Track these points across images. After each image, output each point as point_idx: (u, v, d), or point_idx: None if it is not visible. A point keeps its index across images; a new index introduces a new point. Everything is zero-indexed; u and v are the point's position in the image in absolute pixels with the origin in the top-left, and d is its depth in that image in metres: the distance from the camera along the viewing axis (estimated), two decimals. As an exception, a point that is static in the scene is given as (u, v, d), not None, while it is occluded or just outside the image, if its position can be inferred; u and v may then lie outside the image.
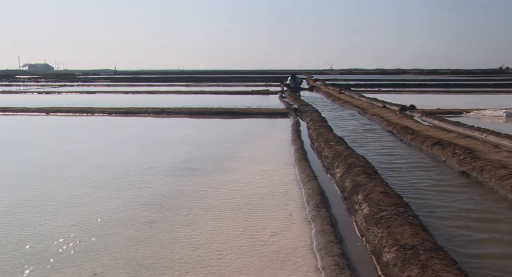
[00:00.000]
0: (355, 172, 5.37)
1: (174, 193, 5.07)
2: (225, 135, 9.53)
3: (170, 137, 9.32)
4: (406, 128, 9.67)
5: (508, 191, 4.95)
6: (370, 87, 30.89)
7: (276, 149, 7.77)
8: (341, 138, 8.11)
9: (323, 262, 3.26)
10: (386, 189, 4.64)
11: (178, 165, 6.54)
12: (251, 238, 3.75)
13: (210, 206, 4.60)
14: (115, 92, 27.18)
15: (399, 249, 3.24)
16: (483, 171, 5.68)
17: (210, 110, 14.25)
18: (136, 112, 13.94)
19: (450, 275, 2.78)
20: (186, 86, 35.07)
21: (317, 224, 3.97)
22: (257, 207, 4.56)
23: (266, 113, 13.60)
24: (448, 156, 6.86)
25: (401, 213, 3.92)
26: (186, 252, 3.46)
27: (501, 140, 8.54)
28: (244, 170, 6.22)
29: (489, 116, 12.84)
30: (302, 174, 5.77)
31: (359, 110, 15.17)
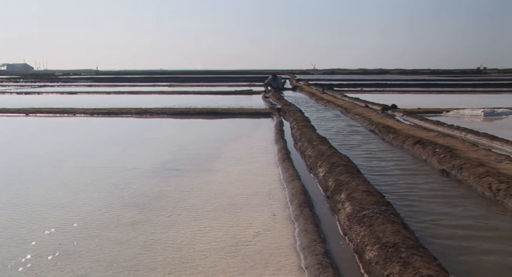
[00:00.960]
0: (338, 171, 5.42)
1: (157, 194, 5.03)
2: (208, 135, 9.50)
3: (153, 137, 9.25)
4: (388, 127, 9.80)
5: (485, 188, 5.06)
6: (353, 87, 31.16)
7: (259, 149, 7.78)
8: (324, 138, 8.17)
9: (307, 261, 3.29)
10: (368, 188, 4.69)
11: (161, 165, 6.50)
12: (234, 238, 3.75)
13: (194, 207, 4.59)
14: (97, 93, 26.82)
15: (381, 247, 3.28)
16: (462, 169, 5.80)
17: (194, 110, 14.19)
18: (118, 113, 13.79)
19: (430, 272, 2.83)
20: (169, 86, 34.83)
21: (301, 223, 3.99)
22: (241, 207, 4.57)
23: (249, 113, 13.60)
24: (428, 155, 6.97)
25: (383, 211, 3.96)
26: (170, 253, 3.44)
27: (479, 138, 8.73)
28: (228, 170, 6.21)
29: (468, 115, 13.10)
30: (285, 173, 5.79)
31: (341, 109, 15.30)
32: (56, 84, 40.49)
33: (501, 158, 6.35)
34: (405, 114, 13.11)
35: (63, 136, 9.74)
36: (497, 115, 12.96)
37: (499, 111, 13.30)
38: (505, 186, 4.82)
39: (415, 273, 2.86)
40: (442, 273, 2.86)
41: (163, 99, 20.82)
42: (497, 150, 7.44)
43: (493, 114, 13.02)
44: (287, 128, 10.60)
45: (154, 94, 25.12)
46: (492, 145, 8.10)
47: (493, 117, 12.79)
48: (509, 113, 13.28)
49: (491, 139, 8.41)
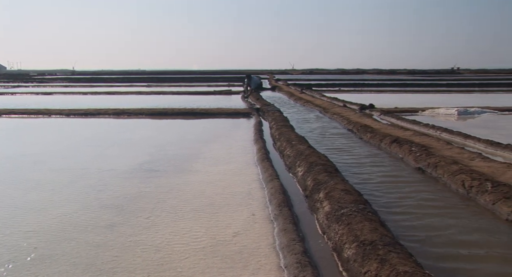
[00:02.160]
0: (317, 170, 5.47)
1: (135, 195, 4.98)
2: (187, 136, 9.45)
3: (131, 138, 9.14)
4: (366, 126, 9.93)
5: (459, 185, 5.19)
6: (331, 87, 31.46)
7: (238, 149, 7.79)
8: (302, 137, 8.23)
9: (286, 261, 3.31)
10: (346, 187, 4.75)
11: (140, 166, 6.43)
12: (214, 239, 3.74)
13: (173, 208, 4.56)
14: (74, 93, 26.34)
15: (359, 245, 3.33)
16: (437, 167, 5.92)
17: (172, 110, 14.08)
18: (95, 113, 13.58)
19: (406, 268, 2.89)
20: (147, 86, 34.49)
21: (280, 223, 4.02)
22: (220, 207, 4.56)
23: (228, 113, 13.59)
24: (405, 153, 7.10)
25: (361, 209, 4.02)
26: (148, 255, 3.41)
27: (453, 137, 8.94)
28: (207, 170, 6.19)
29: (443, 114, 13.40)
30: (264, 173, 5.81)
31: (320, 109, 15.43)
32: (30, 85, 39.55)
33: (473, 156, 6.52)
34: (382, 114, 13.32)
35: (38, 137, 9.54)
36: (470, 114, 13.32)
37: (471, 110, 13.66)
38: (477, 183, 4.96)
39: (391, 270, 2.91)
40: (418, 269, 2.93)
41: (141, 99, 20.60)
42: (470, 148, 7.65)
43: (466, 113, 13.37)
44: (266, 128, 10.63)
45: (132, 94, 24.82)
46: (465, 143, 8.31)
47: (466, 116, 13.13)
48: (481, 112, 13.66)
49: (465, 138, 8.63)
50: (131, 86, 34.97)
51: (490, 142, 7.89)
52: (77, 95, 25.19)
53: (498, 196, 4.51)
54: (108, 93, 25.59)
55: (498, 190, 4.61)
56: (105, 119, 12.73)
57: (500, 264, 3.42)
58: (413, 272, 2.84)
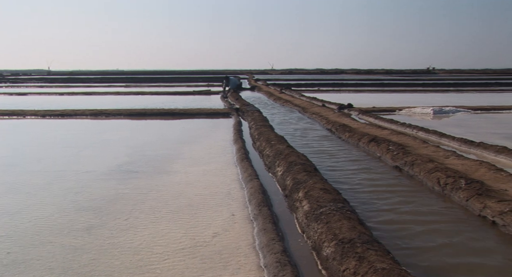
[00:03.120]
0: (296, 170, 5.50)
1: (113, 197, 4.91)
2: (166, 136, 9.37)
3: (109, 139, 9.01)
4: (344, 126, 10.04)
5: (434, 183, 5.29)
6: (310, 87, 31.72)
7: (218, 149, 7.76)
8: (282, 137, 8.26)
9: (266, 260, 3.31)
10: (325, 186, 4.79)
11: (118, 168, 6.35)
12: (193, 240, 3.72)
13: (152, 209, 4.51)
14: (49, 94, 25.81)
15: (337, 243, 3.36)
16: (414, 165, 6.03)
17: (151, 111, 13.95)
18: (72, 114, 13.33)
19: (383, 265, 2.93)
20: (125, 87, 34.08)
21: (259, 222, 4.02)
22: (200, 208, 4.54)
23: (208, 114, 13.54)
24: (383, 152, 7.20)
25: (340, 208, 4.06)
26: (127, 257, 3.37)
27: (429, 135, 9.12)
28: (186, 171, 6.15)
29: (419, 114, 13.66)
30: (244, 173, 5.81)
31: (299, 109, 15.52)
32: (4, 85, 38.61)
33: (448, 154, 6.66)
34: (361, 113, 13.49)
35: (12, 139, 9.31)
36: (445, 113, 13.62)
37: (446, 109, 13.97)
38: (451, 180, 5.07)
39: (369, 267, 2.95)
40: (395, 265, 2.98)
41: (119, 100, 20.34)
42: (445, 146, 7.82)
43: (441, 112, 13.66)
44: (245, 128, 10.64)
45: (110, 95, 24.50)
46: (440, 141, 8.49)
47: (441, 115, 13.42)
48: (455, 111, 13.99)
49: (440, 136, 8.82)
50: (109, 86, 34.51)
51: (464, 141, 8.09)
52: (53, 95, 24.70)
53: (471, 193, 4.62)
54: (86, 94, 25.21)
55: (471, 187, 4.73)
56: (82, 120, 12.51)
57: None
58: (390, 268, 2.89)
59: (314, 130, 10.73)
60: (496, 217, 4.11)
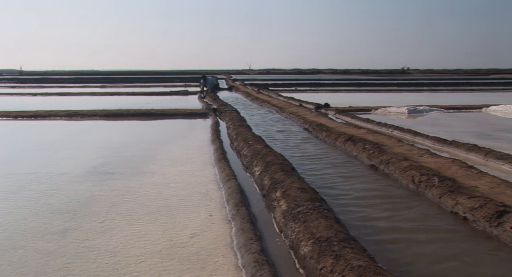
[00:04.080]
0: (273, 169, 5.52)
1: (89, 199, 4.83)
2: (143, 137, 9.27)
3: (84, 140, 8.85)
4: (321, 125, 10.14)
5: (409, 181, 5.40)
6: (288, 87, 31.90)
7: (195, 150, 7.73)
8: (259, 137, 8.28)
9: (243, 260, 3.32)
10: (302, 185, 4.82)
11: (93, 169, 6.24)
12: (171, 241, 3.70)
13: (128, 211, 4.46)
14: (22, 94, 25.20)
15: (315, 242, 3.40)
16: (389, 164, 6.14)
17: (127, 111, 13.77)
18: (46, 115, 13.04)
19: (360, 262, 2.98)
20: (101, 87, 33.55)
21: (237, 222, 4.03)
22: (177, 209, 4.51)
23: (185, 114, 13.46)
24: (359, 151, 7.30)
25: (317, 207, 4.10)
26: (103, 260, 3.32)
27: (404, 134, 9.31)
28: (163, 172, 6.11)
29: (394, 113, 13.92)
30: (221, 173, 5.81)
31: (277, 109, 15.59)
32: (-28, 86, 37.45)
33: (422, 152, 6.81)
34: (337, 112, 13.64)
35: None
36: (419, 112, 13.92)
37: (420, 109, 14.28)
38: (425, 178, 5.18)
39: (346, 265, 2.99)
40: (371, 263, 3.02)
41: (95, 100, 20.02)
42: (419, 144, 7.98)
43: (416, 111, 13.96)
44: (223, 128, 10.62)
45: (85, 95, 24.09)
46: (415, 140, 8.67)
47: (416, 114, 13.71)
48: (429, 110, 14.31)
49: (414, 135, 9.01)
50: (84, 86, 33.93)
51: (437, 139, 8.28)
52: (25, 96, 24.13)
53: (444, 190, 4.74)
54: (60, 94, 24.70)
55: (444, 184, 4.84)
56: (56, 121, 12.26)
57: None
58: (366, 266, 2.93)
59: (291, 132, 10.78)
60: (467, 213, 4.22)
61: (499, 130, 10.23)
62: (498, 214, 3.92)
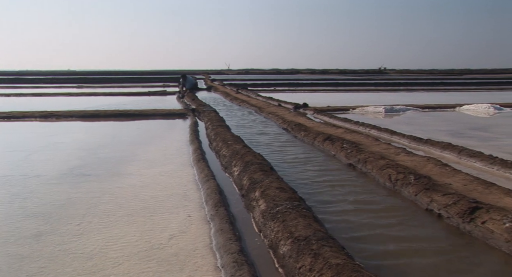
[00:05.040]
0: (252, 169, 5.53)
1: (65, 202, 4.74)
2: (120, 138, 9.16)
3: (60, 142, 8.67)
4: (300, 125, 10.20)
5: (386, 179, 5.49)
6: (266, 87, 31.98)
7: (174, 151, 7.67)
8: (238, 137, 8.28)
9: (223, 260, 3.32)
10: (281, 185, 4.85)
11: (70, 171, 6.13)
12: (149, 243, 3.66)
13: (105, 213, 4.40)
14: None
15: (293, 241, 3.42)
16: (366, 163, 6.23)
17: (104, 112, 13.56)
18: (20, 117, 12.72)
19: (338, 261, 3.01)
20: (77, 87, 32.96)
21: (216, 223, 4.02)
22: (155, 210, 4.47)
23: (163, 114, 13.34)
24: (337, 150, 7.38)
25: (295, 206, 4.12)
26: (79, 264, 3.26)
27: (381, 133, 9.45)
28: (141, 173, 6.04)
29: (371, 112, 14.11)
30: (200, 174, 5.78)
31: (256, 109, 15.61)
32: None
33: (398, 151, 6.93)
34: (316, 112, 13.75)
35: (-48, 143, 8.77)
36: (396, 112, 14.15)
37: (397, 108, 14.52)
38: (402, 176, 5.28)
39: (324, 263, 3.02)
40: (349, 260, 3.06)
41: (71, 101, 19.66)
42: (395, 143, 8.12)
43: (392, 110, 14.19)
44: (202, 128, 10.57)
45: (61, 96, 23.61)
46: (391, 139, 8.82)
47: (392, 113, 13.94)
48: (405, 109, 14.57)
49: (391, 134, 9.16)
50: (60, 87, 33.24)
51: (413, 138, 8.45)
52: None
53: (419, 188, 4.84)
54: (35, 95, 24.15)
55: (419, 182, 4.94)
56: (31, 123, 11.98)
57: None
58: (344, 264, 2.97)
59: (266, 134, 10.81)
60: (442, 209, 4.32)
61: (471, 128, 10.49)
62: (470, 210, 4.03)
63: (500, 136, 9.16)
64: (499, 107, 14.91)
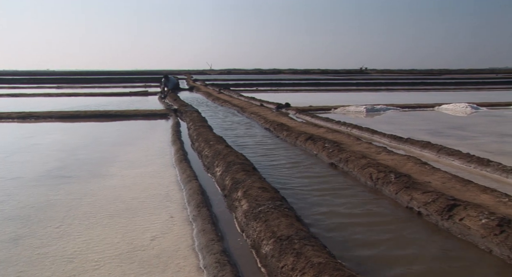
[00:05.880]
0: (235, 169, 5.53)
1: (44, 204, 4.66)
2: (101, 139, 9.04)
3: (39, 143, 8.52)
4: (282, 125, 10.24)
5: (367, 178, 5.56)
6: (249, 87, 31.98)
7: (156, 151, 7.62)
8: (220, 137, 8.26)
9: (205, 261, 3.31)
10: (263, 184, 4.86)
11: (49, 173, 6.03)
12: (130, 244, 3.63)
13: (86, 215, 4.34)
14: (-32, 96, 23.93)
15: (276, 241, 3.43)
16: (348, 162, 6.29)
17: (85, 113, 13.36)
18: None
19: (320, 259, 3.04)
20: (57, 88, 32.39)
21: (198, 223, 4.01)
22: (137, 212, 4.44)
23: (145, 115, 13.22)
24: (319, 149, 7.43)
25: (278, 206, 4.14)
26: (59, 267, 3.22)
27: (362, 133, 9.56)
28: (123, 174, 5.98)
29: (353, 112, 14.26)
30: (182, 174, 5.76)
31: (238, 109, 15.60)
32: None
33: (379, 150, 7.02)
34: (298, 112, 13.82)
35: None
36: (377, 111, 14.33)
37: (378, 108, 14.70)
38: (382, 175, 5.35)
39: (307, 262, 3.04)
40: (331, 259, 3.09)
41: (50, 101, 19.31)
42: (376, 142, 8.23)
43: (373, 110, 14.36)
44: (184, 128, 10.51)
45: (39, 96, 23.17)
46: (372, 138, 8.93)
47: (374, 113, 14.10)
48: (386, 109, 14.76)
49: (372, 133, 9.27)
50: (38, 87, 32.62)
51: (393, 137, 8.57)
52: (-27, 97, 22.93)
53: (400, 186, 4.91)
54: (12, 95, 23.63)
55: (399, 181, 5.02)
56: (8, 124, 11.73)
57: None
58: (326, 262, 3.00)
59: (250, 136, 10.82)
60: (421, 207, 4.40)
61: (450, 127, 10.70)
62: (448, 208, 4.11)
63: (476, 135, 9.37)
64: (476, 107, 15.24)
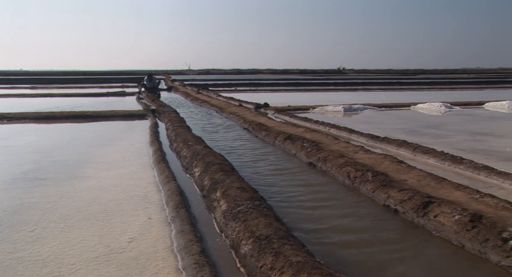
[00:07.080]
0: (213, 170, 5.52)
1: (18, 207, 4.55)
2: (77, 140, 8.88)
3: (12, 145, 8.31)
4: (261, 125, 10.26)
5: (345, 177, 5.63)
6: (227, 87, 31.94)
7: (133, 152, 7.53)
8: (199, 138, 8.23)
9: (184, 262, 3.29)
10: (242, 185, 4.86)
11: (23, 175, 5.89)
12: (108, 247, 3.58)
13: (62, 218, 4.26)
14: None
15: (255, 240, 3.44)
16: (326, 161, 6.35)
17: (61, 114, 13.10)
18: (-34, 119, 12.09)
19: (298, 258, 3.06)
20: (31, 88, 31.66)
21: (177, 224, 3.98)
22: (114, 213, 4.38)
23: (122, 115, 13.05)
24: (297, 149, 7.48)
25: (257, 206, 4.15)
26: (33, 272, 3.15)
27: (340, 132, 9.67)
28: (100, 176, 5.89)
29: (331, 111, 14.41)
30: (161, 175, 5.71)
31: (216, 109, 15.57)
32: None
33: (357, 149, 7.11)
34: (277, 112, 13.87)
35: None
36: (354, 111, 14.52)
37: (355, 107, 14.90)
38: (360, 174, 5.43)
39: (285, 261, 3.06)
40: (309, 258, 3.12)
41: (24, 102, 18.88)
42: (354, 142, 8.34)
43: (351, 109, 14.54)
44: (162, 129, 10.43)
45: (13, 97, 22.62)
46: (350, 137, 9.04)
47: (351, 112, 14.28)
48: (363, 108, 14.97)
49: (350, 132, 9.38)
50: (11, 88, 31.86)
51: (370, 136, 8.69)
52: None
53: (377, 185, 4.99)
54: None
55: (377, 179, 5.10)
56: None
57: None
58: (305, 261, 3.02)
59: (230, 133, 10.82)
60: (398, 205, 4.48)
61: (425, 126, 10.92)
62: (424, 205, 4.20)
63: (450, 134, 9.59)
64: (449, 106, 15.61)
